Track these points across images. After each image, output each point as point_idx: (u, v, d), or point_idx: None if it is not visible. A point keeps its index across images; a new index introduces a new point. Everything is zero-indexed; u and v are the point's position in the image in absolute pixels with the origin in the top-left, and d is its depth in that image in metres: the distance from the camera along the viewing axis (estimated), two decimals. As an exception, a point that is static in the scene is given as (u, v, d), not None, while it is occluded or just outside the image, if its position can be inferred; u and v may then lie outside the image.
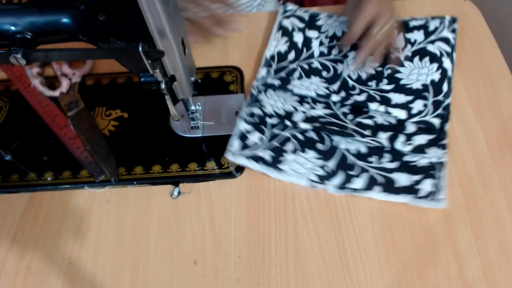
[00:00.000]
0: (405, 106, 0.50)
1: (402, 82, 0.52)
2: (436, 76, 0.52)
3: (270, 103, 0.51)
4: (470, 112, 0.51)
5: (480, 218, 0.44)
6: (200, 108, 0.52)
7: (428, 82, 0.52)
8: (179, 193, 0.48)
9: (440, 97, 0.50)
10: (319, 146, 0.48)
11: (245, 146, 0.48)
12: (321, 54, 0.56)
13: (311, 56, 0.56)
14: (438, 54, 0.53)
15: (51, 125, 0.53)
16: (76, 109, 0.54)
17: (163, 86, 0.41)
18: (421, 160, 0.46)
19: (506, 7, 0.82)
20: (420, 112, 0.49)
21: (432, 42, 0.55)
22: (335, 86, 0.53)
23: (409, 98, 0.51)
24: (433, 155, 0.46)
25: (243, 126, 0.49)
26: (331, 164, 0.47)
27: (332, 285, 0.41)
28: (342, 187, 0.46)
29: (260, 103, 0.51)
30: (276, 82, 0.53)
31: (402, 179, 0.45)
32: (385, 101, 0.51)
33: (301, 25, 0.59)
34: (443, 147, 0.47)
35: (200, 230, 0.45)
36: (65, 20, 0.38)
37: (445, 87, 0.51)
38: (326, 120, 0.49)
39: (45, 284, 0.43)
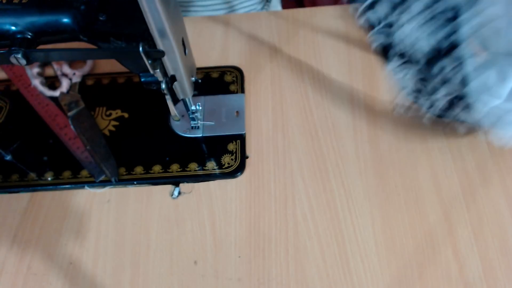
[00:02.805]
0: None
1: None
2: None
3: None
4: (471, 112, 0.51)
5: (480, 218, 0.44)
6: (200, 108, 0.52)
7: None
8: (179, 193, 0.48)
9: None
10: None
11: None
12: None
13: None
14: None
15: (51, 125, 0.53)
16: (76, 109, 0.54)
17: (163, 86, 0.41)
18: None
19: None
20: None
21: None
22: None
23: None
24: None
25: None
26: None
27: (332, 285, 0.41)
28: None
29: None
30: None
31: None
32: None
33: None
34: None
35: (200, 230, 0.45)
36: (65, 20, 0.38)
37: None
38: None
39: (46, 284, 0.43)
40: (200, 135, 0.51)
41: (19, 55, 0.36)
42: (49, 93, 0.55)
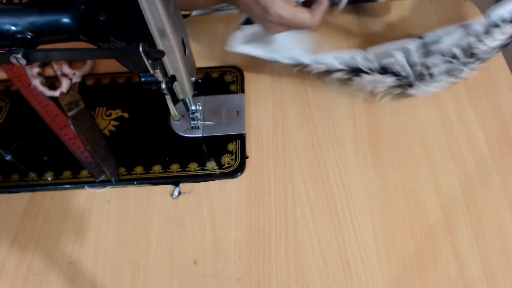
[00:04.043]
0: None
1: None
2: None
3: None
4: (471, 111, 0.51)
5: (480, 218, 0.44)
6: (200, 108, 0.52)
7: None
8: (179, 193, 0.48)
9: None
10: None
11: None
12: None
13: None
14: None
15: (51, 125, 0.53)
16: (76, 109, 0.54)
17: (163, 86, 0.41)
18: None
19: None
20: None
21: None
22: None
23: None
24: None
25: None
26: None
27: (332, 285, 0.41)
28: None
29: None
30: None
31: None
32: None
33: None
34: None
35: (200, 230, 0.45)
36: (65, 20, 0.38)
37: None
38: None
39: (46, 284, 0.43)
40: (200, 135, 0.51)
41: (19, 55, 0.36)
42: (49, 93, 0.55)
